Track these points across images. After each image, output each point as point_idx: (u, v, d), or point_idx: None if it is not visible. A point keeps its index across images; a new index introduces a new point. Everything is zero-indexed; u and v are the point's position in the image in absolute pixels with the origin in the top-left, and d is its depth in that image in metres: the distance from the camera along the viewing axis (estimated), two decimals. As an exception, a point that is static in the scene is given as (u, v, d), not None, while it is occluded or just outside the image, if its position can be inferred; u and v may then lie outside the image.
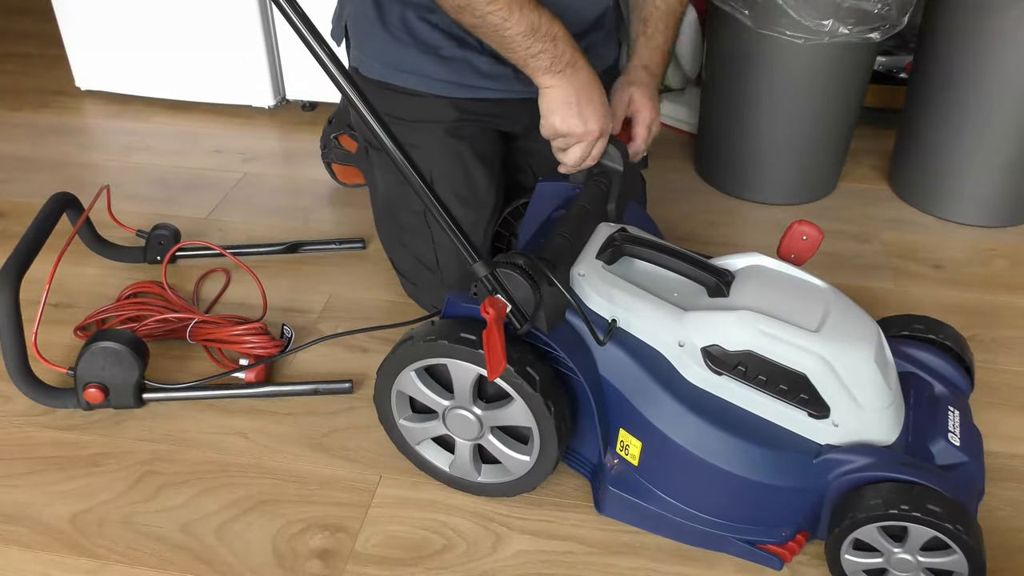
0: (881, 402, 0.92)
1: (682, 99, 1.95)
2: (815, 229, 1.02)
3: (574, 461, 1.07)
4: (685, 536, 0.99)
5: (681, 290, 0.99)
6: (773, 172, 1.66)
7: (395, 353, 0.99)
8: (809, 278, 1.00)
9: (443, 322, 0.98)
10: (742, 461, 0.92)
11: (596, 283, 0.99)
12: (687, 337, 0.94)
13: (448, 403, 1.00)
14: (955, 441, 0.95)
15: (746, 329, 0.92)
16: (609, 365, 0.97)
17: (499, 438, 1.01)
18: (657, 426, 0.94)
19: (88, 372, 1.14)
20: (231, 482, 1.09)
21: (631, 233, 1.05)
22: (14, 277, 1.14)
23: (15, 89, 2.13)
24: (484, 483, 1.05)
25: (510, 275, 0.93)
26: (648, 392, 0.95)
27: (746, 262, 1.01)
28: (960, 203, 1.62)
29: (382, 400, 1.04)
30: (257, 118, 1.99)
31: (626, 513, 1.01)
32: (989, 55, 1.46)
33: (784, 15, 1.44)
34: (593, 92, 1.09)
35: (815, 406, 0.91)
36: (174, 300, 1.35)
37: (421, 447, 1.06)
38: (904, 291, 1.45)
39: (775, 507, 0.95)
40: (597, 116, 1.09)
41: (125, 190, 1.71)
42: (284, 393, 1.20)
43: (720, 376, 0.94)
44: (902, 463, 0.91)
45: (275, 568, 0.99)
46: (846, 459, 0.91)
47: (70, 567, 0.99)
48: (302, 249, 1.51)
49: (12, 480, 1.09)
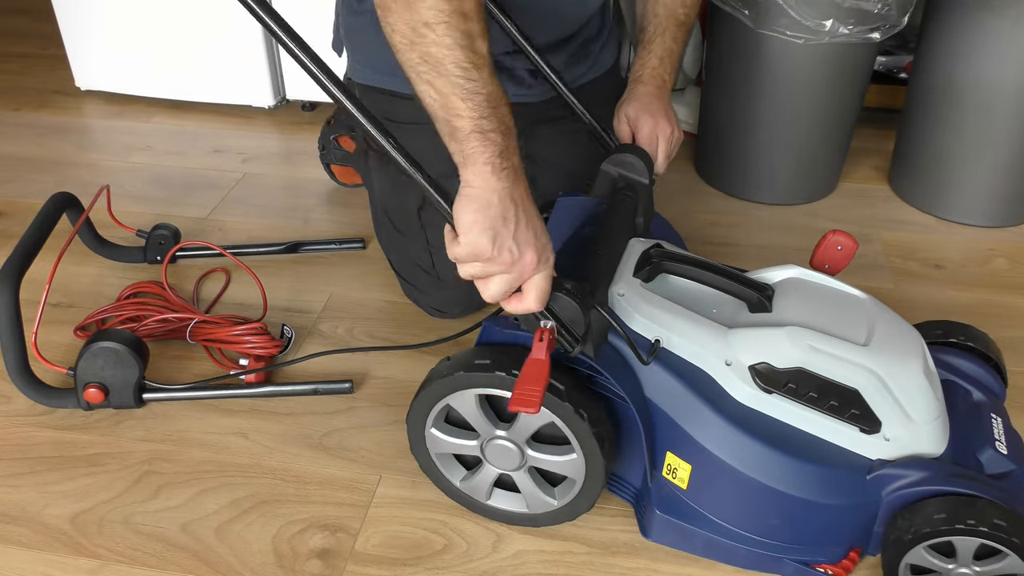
0: (931, 414, 0.91)
1: (682, 99, 1.95)
2: (850, 239, 1.00)
3: (615, 486, 1.04)
4: (738, 559, 0.97)
5: (721, 306, 0.97)
6: (773, 172, 1.66)
7: (468, 374, 0.93)
8: (849, 289, 0.98)
9: (496, 351, 0.94)
10: (795, 480, 0.90)
11: (637, 303, 0.97)
12: (734, 355, 0.92)
13: (500, 432, 0.96)
14: (1002, 449, 0.94)
15: (796, 346, 0.90)
16: (654, 387, 0.94)
17: (533, 476, 0.99)
18: (707, 447, 0.92)
19: (88, 372, 1.14)
20: (231, 482, 1.09)
21: (667, 249, 1.02)
22: (14, 277, 1.14)
23: (15, 89, 2.13)
24: (490, 507, 1.03)
25: (557, 297, 0.89)
26: (696, 413, 0.92)
27: (784, 275, 0.99)
28: (960, 203, 1.62)
29: (422, 405, 0.99)
30: (257, 118, 1.99)
31: (675, 538, 0.99)
32: (989, 55, 1.46)
33: (784, 15, 1.43)
34: (533, 210, 0.86)
35: (867, 421, 0.90)
36: (174, 300, 1.35)
37: (439, 457, 1.03)
38: (904, 291, 1.44)
39: (828, 525, 0.94)
40: (535, 240, 0.85)
41: (125, 190, 1.71)
42: (284, 393, 1.20)
43: (770, 394, 0.92)
44: (956, 475, 0.89)
45: (275, 568, 0.99)
46: (900, 474, 0.90)
47: (70, 567, 0.99)
48: (302, 249, 1.51)
49: (12, 480, 1.09)
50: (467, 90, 0.80)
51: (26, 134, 1.94)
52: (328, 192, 1.71)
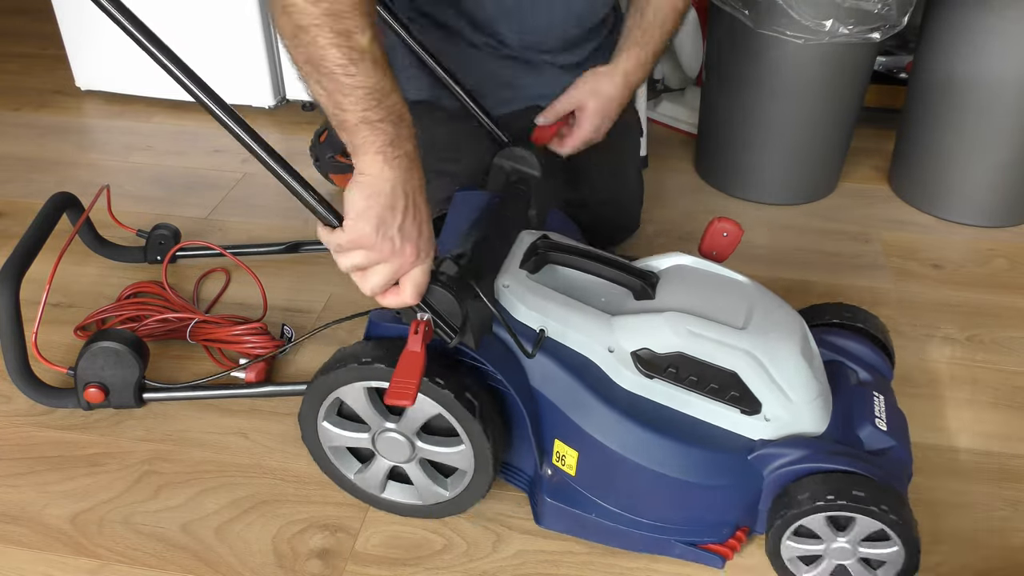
0: (810, 393, 0.93)
1: (682, 99, 1.95)
2: (735, 225, 1.02)
3: (509, 475, 1.05)
4: (628, 543, 0.98)
5: (608, 295, 0.98)
6: (773, 172, 1.66)
7: (353, 367, 0.94)
8: (731, 275, 1.00)
9: (382, 344, 0.95)
10: (678, 463, 0.92)
11: (522, 293, 0.97)
12: (616, 342, 0.94)
13: (389, 425, 0.97)
14: (882, 426, 0.96)
15: (675, 330, 0.92)
16: (541, 376, 0.96)
17: (424, 468, 1.00)
18: (592, 434, 0.93)
19: (88, 372, 1.14)
20: (231, 482, 1.09)
21: (554, 240, 1.03)
22: (14, 277, 1.14)
23: (15, 89, 2.13)
24: (384, 499, 1.03)
25: (433, 290, 0.90)
26: (581, 401, 0.94)
27: (670, 262, 1.01)
28: (960, 203, 1.62)
29: (313, 398, 0.98)
30: (257, 118, 1.98)
31: (566, 524, 1.00)
32: (989, 55, 1.46)
33: (784, 15, 1.44)
34: (423, 202, 0.88)
35: (747, 403, 0.92)
36: (174, 300, 1.35)
37: (332, 451, 1.03)
38: (904, 291, 1.45)
39: (714, 506, 0.96)
40: (421, 236, 0.87)
41: (125, 190, 1.71)
42: (284, 393, 1.20)
43: (652, 379, 0.93)
44: (834, 452, 0.91)
45: (275, 568, 0.99)
46: (781, 453, 0.92)
47: (70, 567, 0.99)
48: (302, 249, 1.51)
49: (12, 480, 1.09)
50: (348, 85, 0.82)
51: (26, 134, 1.94)
52: (327, 192, 1.70)
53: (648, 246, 1.51)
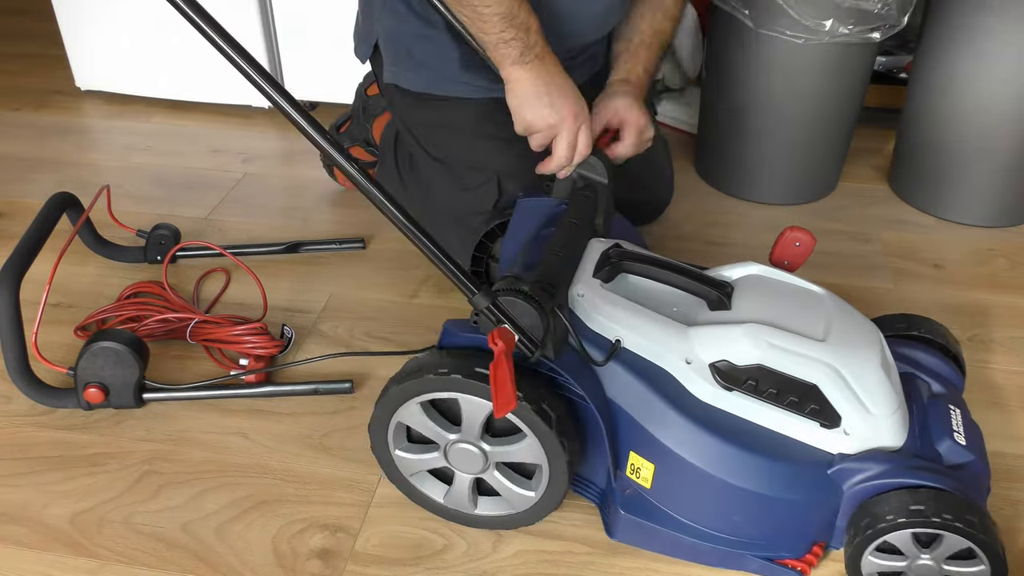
0: (890, 407, 0.91)
1: (682, 99, 1.95)
2: (807, 235, 1.01)
3: (580, 487, 1.05)
4: (702, 557, 0.97)
5: (681, 304, 0.98)
6: (773, 172, 1.66)
7: (401, 385, 0.94)
8: (807, 285, 0.99)
9: (452, 354, 0.95)
10: (757, 477, 0.91)
11: (597, 303, 0.97)
12: (694, 353, 0.93)
13: (453, 437, 0.96)
14: (960, 440, 0.94)
15: (755, 343, 0.91)
16: (616, 387, 0.95)
17: (503, 473, 0.99)
18: (669, 446, 0.92)
19: (88, 372, 1.14)
20: (231, 482, 1.09)
21: (626, 248, 1.03)
22: (14, 277, 1.14)
23: (15, 89, 2.13)
24: (481, 515, 1.02)
25: (515, 303, 0.90)
26: (658, 412, 0.93)
27: (742, 272, 1.00)
28: (960, 203, 1.62)
29: (378, 429, 1.00)
30: (257, 118, 1.99)
31: (640, 538, 0.99)
32: (989, 55, 1.46)
33: (784, 15, 1.44)
34: (562, 80, 1.09)
35: (826, 416, 0.90)
36: (174, 300, 1.35)
37: (415, 478, 1.03)
38: (904, 291, 1.45)
39: (791, 521, 0.94)
40: (569, 102, 1.08)
41: (125, 190, 1.71)
42: (284, 393, 1.20)
43: (730, 392, 0.92)
44: (916, 468, 0.90)
45: (275, 568, 0.99)
46: (861, 467, 0.90)
47: (70, 567, 0.99)
48: (302, 249, 1.51)
49: (12, 480, 1.09)
50: (483, 15, 1.06)
51: (26, 134, 1.94)
52: (328, 192, 1.71)
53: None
